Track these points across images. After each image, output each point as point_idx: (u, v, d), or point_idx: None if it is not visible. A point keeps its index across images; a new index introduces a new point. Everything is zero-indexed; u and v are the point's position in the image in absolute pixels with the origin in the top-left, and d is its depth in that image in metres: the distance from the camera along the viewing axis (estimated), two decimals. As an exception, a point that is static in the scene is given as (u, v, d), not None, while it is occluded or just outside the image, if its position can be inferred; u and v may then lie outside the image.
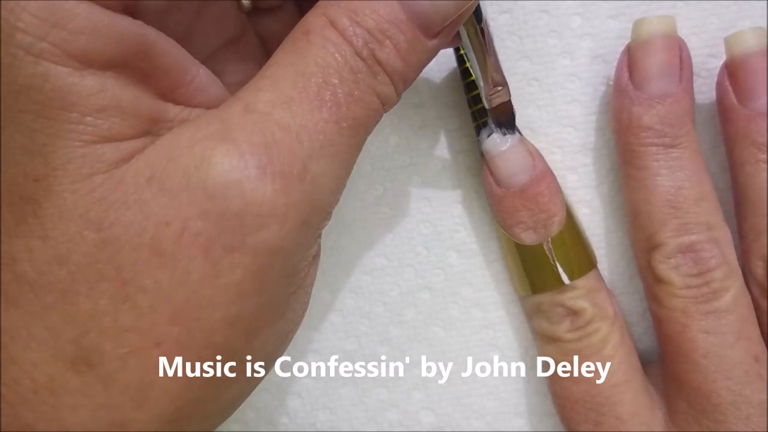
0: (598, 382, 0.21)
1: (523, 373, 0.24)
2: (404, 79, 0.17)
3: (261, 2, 0.19)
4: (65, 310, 0.14)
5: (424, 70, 0.23)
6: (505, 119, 0.21)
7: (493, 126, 0.22)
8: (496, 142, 0.21)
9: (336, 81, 0.15)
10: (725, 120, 0.22)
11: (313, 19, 0.16)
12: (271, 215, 0.14)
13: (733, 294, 0.20)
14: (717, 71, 0.23)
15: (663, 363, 0.22)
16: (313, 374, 0.25)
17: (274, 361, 0.18)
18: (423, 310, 0.24)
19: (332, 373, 0.25)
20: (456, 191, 0.24)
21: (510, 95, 0.21)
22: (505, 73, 0.22)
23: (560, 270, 0.21)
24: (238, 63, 0.19)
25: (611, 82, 0.23)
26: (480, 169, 0.24)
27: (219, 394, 0.16)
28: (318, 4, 0.16)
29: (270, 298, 0.15)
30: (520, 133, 0.22)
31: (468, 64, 0.21)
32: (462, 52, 0.22)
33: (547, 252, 0.21)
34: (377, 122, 0.17)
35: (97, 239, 0.14)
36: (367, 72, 0.16)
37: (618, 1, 0.23)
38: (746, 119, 0.21)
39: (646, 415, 0.21)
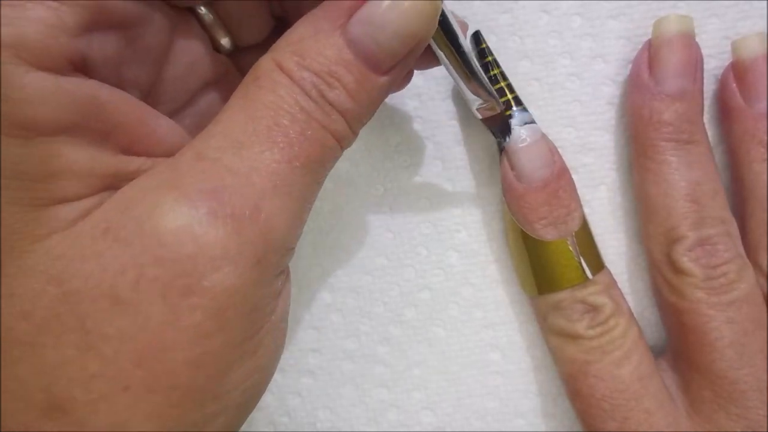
0: (623, 376, 0.21)
1: (523, 374, 0.24)
2: (358, 117, 0.17)
3: (241, 41, 0.19)
4: (34, 362, 0.15)
5: (425, 70, 0.23)
6: (498, 129, 0.22)
7: (512, 122, 0.22)
8: (520, 136, 0.22)
9: (287, 122, 0.16)
10: (732, 120, 0.22)
11: (263, 63, 0.16)
12: (224, 257, 0.15)
13: (747, 284, 0.21)
14: (716, 71, 0.23)
15: (679, 354, 0.22)
16: (314, 374, 0.25)
17: (258, 396, 0.18)
18: (423, 310, 0.24)
19: (332, 373, 0.25)
20: (456, 191, 0.24)
21: (502, 107, 0.21)
22: (506, 73, 0.22)
23: (584, 265, 0.21)
24: (222, 103, 0.19)
25: (611, 82, 0.23)
26: (481, 170, 0.24)
27: None
28: (270, 48, 0.17)
29: (234, 337, 0.16)
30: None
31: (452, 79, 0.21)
32: (483, 45, 0.22)
33: (570, 247, 0.21)
34: (336, 159, 0.17)
35: (58, 293, 0.15)
36: (318, 111, 0.16)
37: (618, 1, 0.23)
38: (754, 119, 0.22)
39: (670, 406, 0.21)
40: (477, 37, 0.22)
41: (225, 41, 0.19)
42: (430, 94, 0.24)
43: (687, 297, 0.21)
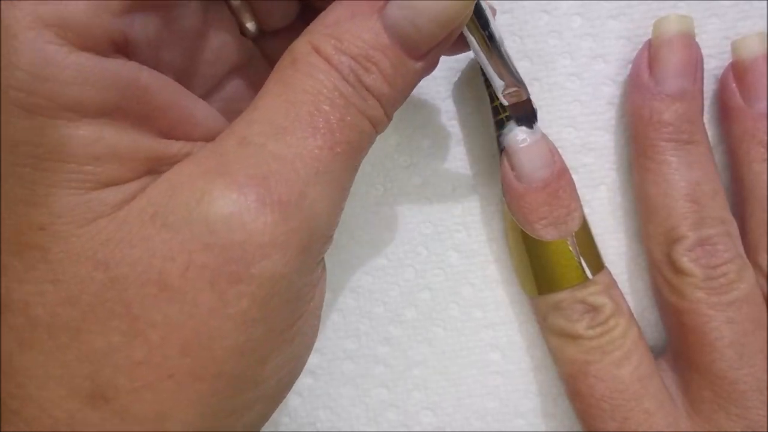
0: (623, 376, 0.21)
1: (523, 374, 0.24)
2: (393, 102, 0.17)
3: (266, 25, 0.19)
4: (79, 348, 0.15)
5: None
6: (524, 116, 0.22)
7: (513, 121, 0.22)
8: (520, 136, 0.22)
9: (327, 108, 0.16)
10: (731, 120, 0.22)
11: (299, 46, 0.16)
12: (273, 244, 0.15)
13: (748, 284, 0.21)
14: (716, 71, 0.23)
15: (679, 354, 0.22)
16: (314, 374, 0.25)
17: (291, 385, 0.18)
18: (423, 310, 0.24)
19: (333, 373, 0.25)
20: (456, 191, 0.24)
21: (528, 94, 0.21)
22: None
23: (584, 265, 0.21)
24: (248, 88, 0.19)
25: (611, 82, 0.23)
26: (481, 170, 0.24)
27: (234, 422, 0.16)
28: (305, 31, 0.16)
29: (276, 324, 0.16)
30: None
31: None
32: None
33: (570, 247, 0.21)
34: (371, 144, 0.17)
35: (105, 279, 0.15)
36: (356, 97, 0.16)
37: (618, 1, 0.23)
38: (753, 119, 0.22)
39: (670, 405, 0.21)
40: None
41: (251, 25, 0.19)
42: (430, 95, 0.24)
43: (687, 297, 0.21)
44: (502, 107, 0.22)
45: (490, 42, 0.19)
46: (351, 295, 0.24)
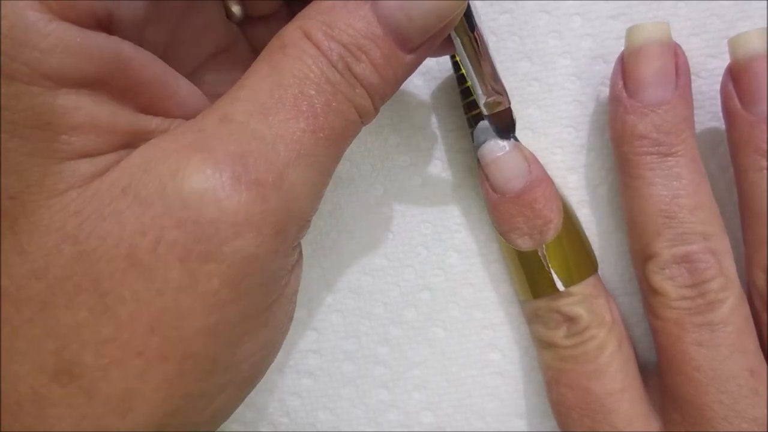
0: (593, 389, 0.21)
1: (523, 374, 0.24)
2: (381, 94, 0.17)
3: (252, 10, 0.19)
4: (45, 322, 0.14)
5: (425, 70, 0.23)
6: (504, 127, 0.21)
7: (491, 131, 0.21)
8: (492, 148, 0.21)
9: (313, 92, 0.15)
10: (729, 125, 0.21)
11: (290, 31, 0.16)
12: (247, 223, 0.15)
13: (729, 306, 0.20)
14: (718, 71, 0.23)
15: (659, 373, 0.22)
16: (314, 375, 0.25)
17: (263, 371, 0.18)
18: (423, 311, 0.24)
19: (332, 374, 0.25)
20: (456, 191, 0.24)
21: (510, 103, 0.21)
22: (505, 74, 0.22)
23: (555, 277, 0.21)
24: (230, 72, 0.19)
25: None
26: (480, 169, 0.24)
27: (204, 405, 0.16)
28: (296, 16, 0.16)
29: (249, 307, 0.16)
30: (516, 138, 0.22)
31: (463, 71, 0.21)
32: (458, 58, 0.22)
33: (541, 258, 0.21)
34: (356, 134, 0.17)
35: (74, 252, 0.14)
36: (344, 84, 0.16)
37: (618, 1, 0.23)
38: (750, 124, 0.20)
39: (642, 425, 0.21)
40: None
41: (236, 9, 0.19)
42: (430, 94, 0.24)
43: (659, 316, 0.20)
44: (475, 119, 0.22)
45: (477, 45, 0.18)
46: (351, 296, 0.24)
